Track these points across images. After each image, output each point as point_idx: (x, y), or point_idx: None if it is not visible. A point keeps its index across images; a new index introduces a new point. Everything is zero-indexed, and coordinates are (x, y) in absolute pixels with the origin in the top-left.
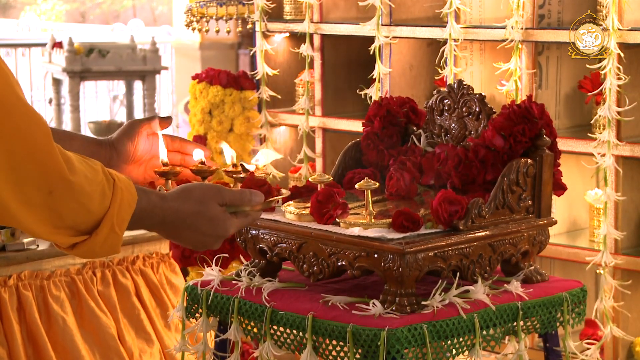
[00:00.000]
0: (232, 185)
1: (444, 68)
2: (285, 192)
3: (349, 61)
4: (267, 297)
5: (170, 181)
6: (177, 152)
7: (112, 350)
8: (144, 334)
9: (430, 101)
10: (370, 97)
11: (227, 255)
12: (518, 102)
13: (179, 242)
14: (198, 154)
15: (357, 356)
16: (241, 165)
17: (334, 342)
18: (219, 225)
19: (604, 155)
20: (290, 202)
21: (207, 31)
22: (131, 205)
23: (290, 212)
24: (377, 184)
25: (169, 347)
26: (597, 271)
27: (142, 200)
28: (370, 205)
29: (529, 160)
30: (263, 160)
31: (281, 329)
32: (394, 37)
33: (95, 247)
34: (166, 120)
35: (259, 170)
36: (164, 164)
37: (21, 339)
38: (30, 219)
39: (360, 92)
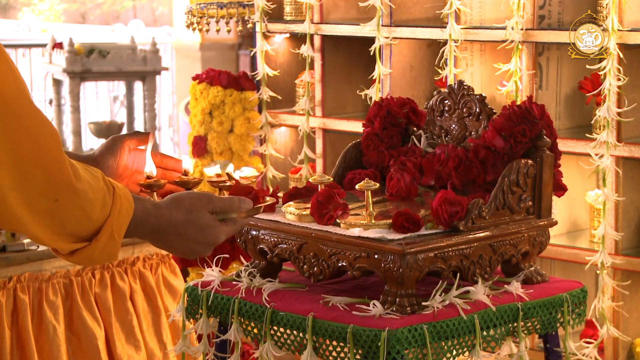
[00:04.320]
0: (217, 194)
1: (444, 69)
2: (270, 199)
3: (349, 62)
4: (267, 298)
5: (155, 193)
6: (158, 167)
7: None
8: (134, 340)
9: (431, 102)
10: (371, 98)
11: (227, 256)
12: (518, 102)
13: (170, 251)
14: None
15: (358, 357)
16: (227, 174)
17: (335, 343)
18: (210, 233)
19: (602, 156)
20: (291, 203)
21: (207, 31)
22: (129, 213)
23: (291, 213)
24: (378, 184)
25: (158, 354)
26: (597, 272)
27: (138, 208)
28: (371, 206)
29: (529, 161)
30: (247, 172)
31: (281, 329)
32: (394, 38)
33: (95, 254)
34: (146, 136)
35: (245, 179)
36: (148, 177)
37: (10, 345)
38: (33, 225)
39: (360, 93)
